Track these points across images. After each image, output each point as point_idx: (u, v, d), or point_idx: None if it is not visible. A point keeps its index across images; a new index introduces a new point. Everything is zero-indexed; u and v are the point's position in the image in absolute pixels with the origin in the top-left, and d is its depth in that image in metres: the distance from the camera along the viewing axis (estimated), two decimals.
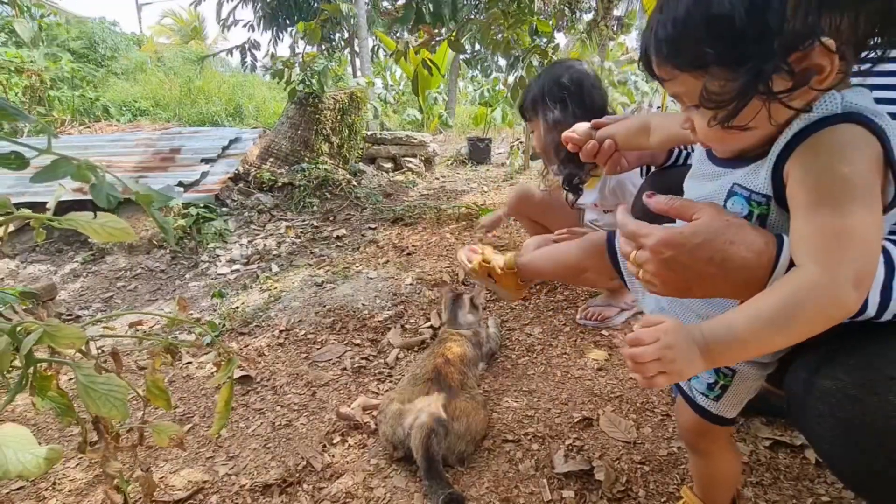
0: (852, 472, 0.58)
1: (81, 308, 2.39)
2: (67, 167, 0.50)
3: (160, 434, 0.79)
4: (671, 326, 0.54)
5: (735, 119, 0.54)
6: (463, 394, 1.26)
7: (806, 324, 0.51)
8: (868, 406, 0.54)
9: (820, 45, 0.48)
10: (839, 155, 0.51)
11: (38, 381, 0.53)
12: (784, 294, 0.51)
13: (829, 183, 0.51)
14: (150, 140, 4.14)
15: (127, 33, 11.16)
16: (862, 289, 0.49)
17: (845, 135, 0.51)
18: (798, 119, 0.53)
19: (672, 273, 0.60)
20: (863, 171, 0.50)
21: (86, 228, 0.55)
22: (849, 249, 0.49)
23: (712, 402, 0.75)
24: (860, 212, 0.50)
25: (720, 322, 0.54)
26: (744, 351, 0.54)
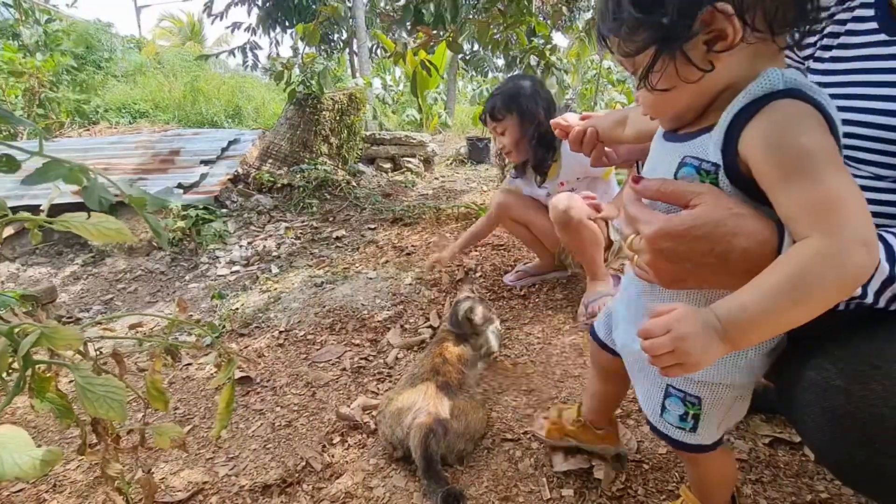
0: (840, 462, 0.58)
1: (82, 310, 2.40)
2: (59, 170, 0.50)
3: (161, 435, 0.79)
4: (683, 314, 0.52)
5: (652, 76, 0.58)
6: (462, 393, 1.26)
7: (822, 293, 0.48)
8: (853, 396, 0.54)
9: (713, 9, 0.52)
10: (794, 127, 0.52)
11: (37, 383, 0.53)
12: (794, 267, 0.49)
13: (794, 155, 0.51)
14: (150, 142, 4.15)
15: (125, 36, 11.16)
16: (871, 247, 0.48)
17: (794, 108, 0.52)
18: (743, 93, 0.55)
19: (668, 264, 0.59)
20: (817, 139, 0.51)
21: (80, 229, 0.55)
22: (843, 212, 0.49)
23: (689, 433, 0.72)
24: (834, 175, 0.50)
25: (733, 303, 0.52)
26: (762, 329, 0.51)
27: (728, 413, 0.71)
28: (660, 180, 0.61)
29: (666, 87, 0.59)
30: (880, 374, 0.53)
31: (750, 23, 0.53)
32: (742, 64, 0.55)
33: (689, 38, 0.54)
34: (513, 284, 2.13)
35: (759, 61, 0.56)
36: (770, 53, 0.56)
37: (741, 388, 0.68)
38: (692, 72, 0.56)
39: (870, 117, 0.68)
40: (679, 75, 0.57)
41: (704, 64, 0.55)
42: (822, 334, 0.64)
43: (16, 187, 3.37)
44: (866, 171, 0.70)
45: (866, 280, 0.50)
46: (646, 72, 0.59)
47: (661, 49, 0.56)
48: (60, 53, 6.75)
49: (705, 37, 0.54)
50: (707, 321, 0.51)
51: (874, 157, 0.69)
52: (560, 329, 1.78)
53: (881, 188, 0.69)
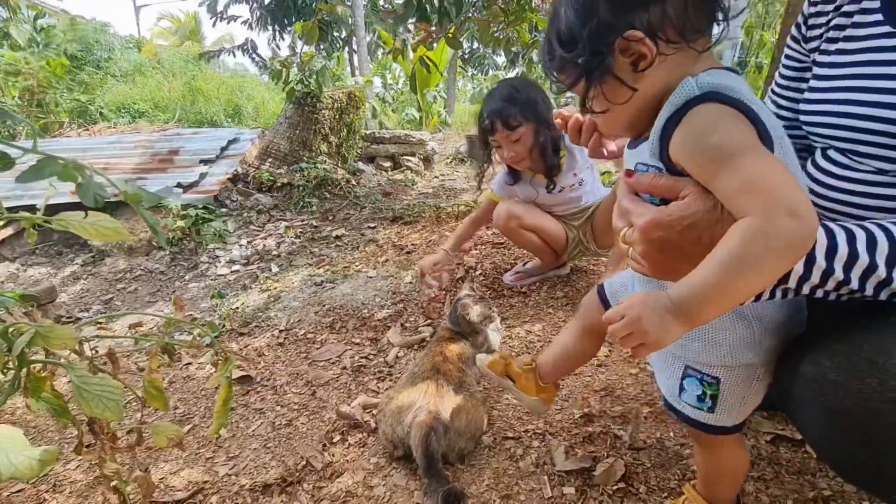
0: (838, 457, 0.58)
1: (81, 310, 2.39)
2: (53, 167, 0.50)
3: (159, 434, 0.79)
4: (635, 300, 0.58)
5: (588, 102, 0.65)
6: (462, 391, 1.26)
7: (761, 265, 0.51)
8: (849, 391, 0.54)
9: (623, 38, 0.58)
10: (704, 130, 0.56)
11: (32, 383, 0.53)
12: (732, 244, 0.53)
13: (709, 154, 0.56)
14: (149, 142, 4.14)
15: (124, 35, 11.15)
16: (799, 214, 0.50)
17: (703, 113, 0.57)
18: (666, 104, 0.60)
19: (661, 254, 0.61)
20: (730, 134, 0.55)
21: (77, 228, 0.54)
22: (764, 189, 0.52)
23: (706, 413, 0.74)
24: (748, 160, 0.53)
25: (683, 283, 0.56)
26: (712, 303, 0.54)
27: (746, 395, 0.72)
28: (652, 174, 0.64)
29: (602, 109, 0.65)
30: (877, 369, 0.53)
31: (663, 38, 0.58)
32: (672, 70, 0.60)
33: (608, 69, 0.60)
34: (513, 284, 2.12)
35: (686, 65, 0.61)
36: (691, 57, 0.61)
37: (757, 369, 0.70)
38: (621, 93, 0.62)
39: (874, 110, 0.68)
40: (608, 99, 0.63)
41: (635, 83, 0.61)
42: (819, 330, 0.64)
43: (15, 188, 3.36)
44: (869, 165, 0.69)
45: (807, 246, 0.52)
46: (582, 100, 0.66)
47: (588, 81, 0.63)
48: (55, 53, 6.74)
49: (629, 59, 0.60)
50: (658, 303, 0.56)
51: (877, 150, 0.68)
52: (561, 327, 1.77)
53: (884, 182, 0.68)
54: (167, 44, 14.14)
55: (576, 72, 0.64)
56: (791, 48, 0.88)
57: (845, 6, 0.75)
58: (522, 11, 2.87)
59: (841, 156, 0.73)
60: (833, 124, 0.73)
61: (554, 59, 0.66)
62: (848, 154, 0.72)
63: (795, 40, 0.87)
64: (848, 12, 0.75)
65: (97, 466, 0.72)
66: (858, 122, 0.70)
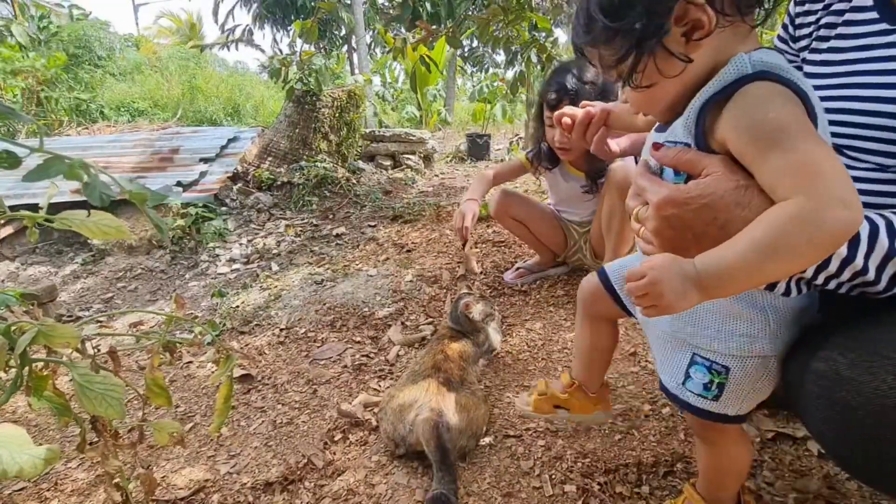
0: (848, 455, 0.58)
1: (82, 309, 2.39)
2: (59, 166, 0.50)
3: (160, 432, 0.79)
4: (659, 262, 0.56)
5: (635, 76, 0.61)
6: (463, 389, 1.26)
7: (797, 249, 0.50)
8: (862, 387, 0.53)
9: (685, 2, 0.55)
10: (762, 106, 0.54)
11: (34, 382, 0.53)
12: (771, 222, 0.51)
13: (764, 130, 0.53)
14: (149, 140, 4.14)
15: (122, 34, 11.13)
16: (850, 205, 0.49)
17: (761, 89, 0.55)
18: (715, 78, 0.58)
19: (672, 231, 0.60)
20: (788, 114, 0.53)
21: (80, 227, 0.54)
22: (819, 174, 0.50)
23: (711, 402, 0.72)
24: (808, 142, 0.51)
25: (712, 253, 0.55)
26: (735, 281, 0.54)
27: (755, 388, 0.71)
28: (678, 148, 0.62)
29: (650, 83, 0.62)
30: (891, 364, 0.52)
31: (720, 8, 0.56)
32: (720, 48, 0.58)
33: (665, 36, 0.57)
34: (513, 282, 2.12)
35: (734, 43, 0.58)
36: (743, 34, 0.59)
37: (770, 361, 0.69)
38: (674, 65, 0.59)
39: (872, 106, 0.68)
40: (661, 71, 0.60)
41: (685, 56, 0.58)
42: (830, 325, 0.63)
43: (16, 186, 3.36)
44: (869, 162, 0.69)
45: (847, 237, 0.51)
46: (629, 74, 0.62)
47: (640, 51, 0.59)
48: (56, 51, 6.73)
49: (682, 29, 0.57)
50: (683, 269, 0.55)
51: (877, 145, 0.68)
52: (561, 325, 1.77)
53: (884, 179, 0.68)
54: (167, 42, 14.12)
55: (628, 41, 0.59)
56: (778, 49, 0.88)
57: (835, 4, 0.76)
58: (522, 10, 2.86)
59: (839, 154, 0.73)
60: (832, 122, 0.73)
61: (594, 31, 0.62)
62: (846, 151, 0.72)
63: (783, 40, 0.87)
64: (838, 10, 0.75)
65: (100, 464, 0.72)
66: (857, 119, 0.70)
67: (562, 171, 1.93)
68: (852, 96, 0.71)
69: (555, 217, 2.08)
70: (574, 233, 2.03)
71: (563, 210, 2.06)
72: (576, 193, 1.91)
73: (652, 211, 0.61)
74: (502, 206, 2.05)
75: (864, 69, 0.70)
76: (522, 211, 2.04)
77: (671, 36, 0.57)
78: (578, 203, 1.96)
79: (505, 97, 7.64)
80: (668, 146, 0.63)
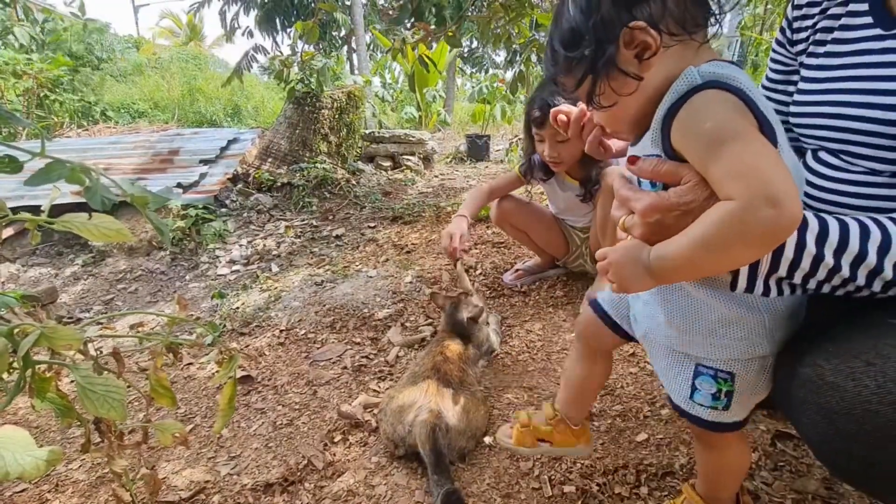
0: (835, 459, 0.58)
1: (82, 311, 2.40)
2: (61, 170, 0.50)
3: (164, 432, 0.79)
4: (622, 247, 0.65)
5: (595, 98, 0.66)
6: (463, 390, 1.26)
7: (727, 247, 0.53)
8: (846, 392, 0.54)
9: (629, 29, 0.59)
10: (700, 116, 0.58)
11: (37, 384, 0.53)
12: (709, 223, 0.55)
13: (703, 140, 0.57)
14: (149, 142, 4.14)
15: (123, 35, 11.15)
16: (779, 203, 0.50)
17: (700, 99, 0.58)
18: (669, 92, 0.61)
19: (657, 238, 0.62)
20: (724, 119, 0.56)
21: (81, 230, 0.55)
22: (748, 175, 0.52)
23: (722, 412, 0.73)
24: (739, 147, 0.54)
25: (661, 247, 0.60)
26: (678, 270, 0.60)
27: (756, 387, 0.72)
28: (655, 160, 0.64)
29: (610, 103, 0.67)
30: (874, 371, 0.53)
31: (665, 29, 0.60)
32: (670, 65, 0.62)
33: (614, 60, 0.62)
34: (512, 284, 2.13)
35: (687, 58, 0.62)
36: (693, 50, 0.63)
37: (767, 360, 0.70)
38: (628, 84, 0.63)
39: (866, 111, 0.68)
40: (616, 91, 0.64)
41: (636, 75, 0.62)
42: (816, 330, 0.64)
43: (16, 188, 3.37)
44: (862, 166, 0.70)
45: (781, 237, 0.53)
46: (589, 96, 0.67)
47: (594, 75, 0.64)
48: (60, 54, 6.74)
49: (633, 51, 0.61)
50: (640, 256, 0.62)
51: (870, 151, 0.69)
52: (561, 326, 1.78)
53: (877, 183, 0.69)
54: (168, 44, 14.13)
55: (582, 68, 0.65)
56: (777, 52, 0.89)
57: (831, 9, 0.76)
58: (523, 8, 2.86)
59: (833, 157, 0.74)
60: (826, 125, 0.74)
61: (558, 62, 0.68)
62: (840, 155, 0.73)
63: (781, 44, 0.87)
64: (834, 15, 0.75)
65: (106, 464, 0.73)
66: (851, 123, 0.70)
67: (558, 181, 1.94)
68: (847, 101, 0.71)
69: (556, 222, 2.08)
70: (576, 238, 2.03)
71: (564, 217, 2.06)
72: (574, 201, 1.91)
73: (638, 218, 0.64)
74: (503, 214, 2.05)
75: (859, 74, 0.71)
76: (523, 218, 2.05)
77: (624, 58, 0.62)
78: (577, 210, 1.96)
79: (504, 98, 7.65)
80: (645, 159, 0.65)
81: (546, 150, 1.72)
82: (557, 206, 2.05)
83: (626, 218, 0.67)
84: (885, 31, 0.69)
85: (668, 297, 0.74)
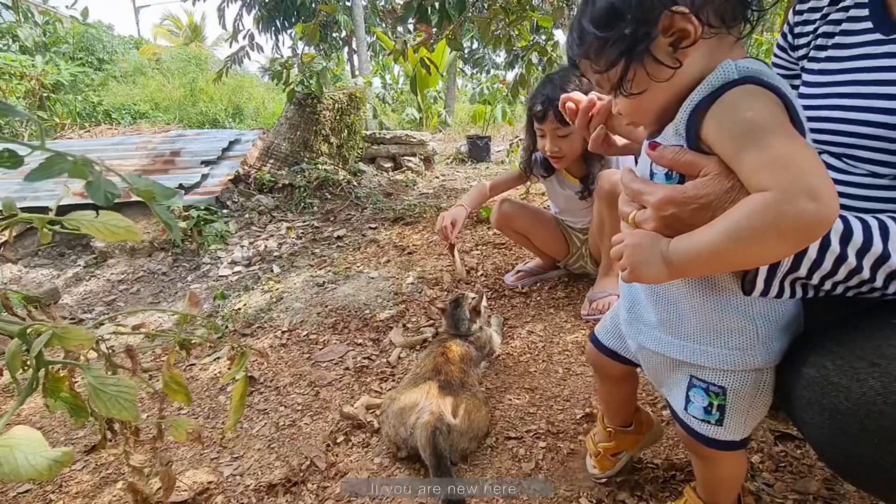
0: (839, 459, 0.59)
1: (84, 312, 2.40)
2: (63, 164, 0.49)
3: (177, 429, 0.79)
4: (640, 234, 0.63)
5: (625, 84, 0.63)
6: (464, 391, 1.27)
7: (760, 238, 0.51)
8: (851, 393, 0.54)
9: (671, 13, 0.57)
10: (739, 106, 0.56)
11: (51, 383, 0.53)
12: (741, 209, 0.53)
13: (740, 130, 0.55)
14: (151, 143, 4.15)
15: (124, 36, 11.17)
16: (819, 198, 0.49)
17: (740, 91, 0.57)
18: (703, 84, 0.59)
19: (671, 231, 0.61)
20: (764, 112, 0.54)
21: (88, 228, 0.54)
22: (790, 168, 0.51)
23: (715, 427, 0.72)
24: (780, 140, 0.52)
25: (684, 237, 0.58)
26: (700, 260, 0.57)
27: (753, 405, 0.70)
28: (675, 149, 0.62)
29: (640, 90, 0.64)
30: (878, 371, 0.53)
31: (705, 20, 0.58)
32: (705, 57, 0.60)
33: (652, 44, 0.59)
34: (513, 285, 2.13)
35: (719, 53, 0.60)
36: (728, 45, 0.61)
37: (764, 373, 0.69)
38: (662, 71, 0.60)
39: (867, 116, 0.69)
40: (650, 77, 0.61)
41: (673, 62, 0.60)
42: (821, 330, 0.64)
43: (20, 189, 3.37)
44: (863, 170, 0.70)
45: (818, 233, 0.51)
46: (619, 81, 0.64)
47: (629, 58, 0.61)
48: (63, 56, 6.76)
49: (669, 38, 0.59)
50: (657, 245, 0.61)
51: (871, 154, 0.69)
52: (562, 327, 1.78)
53: (879, 185, 0.69)
54: (170, 44, 14.15)
55: (617, 50, 0.61)
56: (778, 56, 0.89)
57: (832, 14, 0.76)
58: (523, 10, 2.87)
59: (836, 160, 0.74)
60: (828, 130, 0.74)
61: (585, 43, 0.65)
62: (843, 159, 0.73)
63: (782, 49, 0.88)
64: (835, 20, 0.76)
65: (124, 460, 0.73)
66: (853, 128, 0.70)
67: (558, 179, 1.95)
68: (848, 106, 0.71)
69: (556, 224, 2.09)
70: (576, 240, 2.03)
71: (564, 217, 2.07)
72: (574, 200, 1.92)
73: (652, 211, 0.62)
74: (503, 218, 2.06)
75: (859, 79, 0.71)
76: (523, 222, 2.06)
77: (659, 45, 0.59)
78: (577, 210, 1.97)
79: (505, 99, 7.66)
80: (666, 146, 0.63)
81: (547, 145, 1.74)
82: (558, 205, 2.06)
83: (636, 213, 0.65)
84: (885, 37, 0.69)
85: (660, 299, 0.73)
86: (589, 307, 1.81)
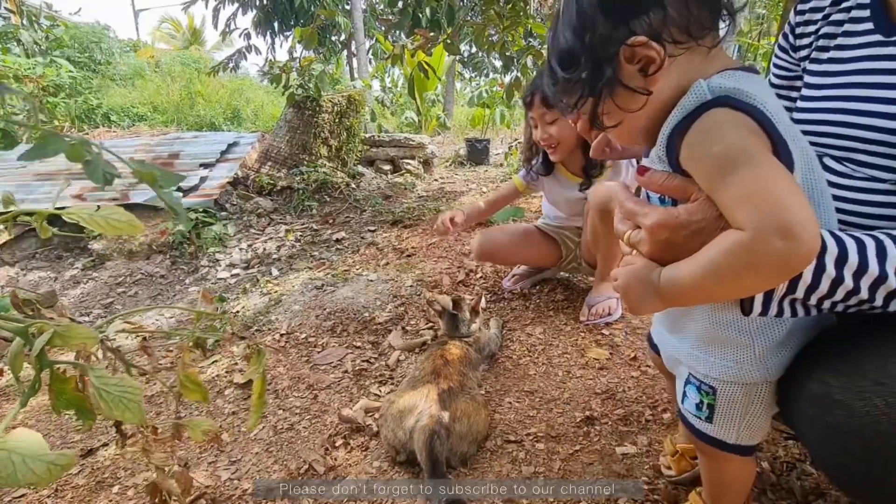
0: (842, 476, 0.58)
1: (82, 314, 2.39)
2: (59, 144, 0.47)
3: (194, 429, 0.78)
4: (632, 268, 0.63)
5: (597, 119, 0.63)
6: (463, 395, 1.26)
7: (736, 277, 0.52)
8: (855, 411, 0.53)
9: (628, 46, 0.56)
10: (708, 139, 0.55)
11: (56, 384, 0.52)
12: (717, 248, 0.53)
13: (710, 165, 0.54)
14: (149, 146, 4.14)
15: (123, 39, 11.18)
16: (794, 239, 0.47)
17: (708, 119, 0.55)
18: (677, 108, 0.58)
19: (665, 255, 0.60)
20: (733, 142, 0.53)
21: (89, 222, 0.52)
22: (760, 206, 0.49)
23: (704, 423, 0.73)
24: (751, 173, 0.51)
25: (671, 269, 0.59)
26: (687, 295, 0.58)
27: (746, 416, 0.70)
28: (664, 173, 0.61)
29: (614, 123, 0.63)
30: (884, 391, 0.52)
31: (669, 39, 0.56)
32: (681, 73, 0.58)
33: (616, 80, 0.58)
34: (511, 288, 2.13)
35: (696, 65, 0.59)
36: (701, 56, 0.59)
37: (756, 387, 0.68)
38: (635, 100, 0.60)
39: (868, 119, 0.69)
40: (623, 108, 0.61)
41: (644, 89, 0.59)
42: (826, 345, 0.63)
43: (17, 190, 3.36)
44: (864, 174, 0.70)
45: (797, 269, 0.51)
46: (591, 118, 0.64)
47: (594, 95, 0.61)
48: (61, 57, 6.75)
49: (637, 66, 0.58)
50: (649, 278, 0.61)
51: (872, 159, 0.69)
52: (562, 330, 1.78)
53: (880, 190, 0.69)
54: (169, 47, 14.15)
55: (580, 89, 0.62)
56: (779, 57, 0.89)
57: (833, 15, 0.76)
58: (518, 17, 2.88)
59: (837, 164, 0.74)
60: (830, 133, 0.74)
61: (557, 83, 0.65)
62: (845, 162, 0.72)
63: (784, 50, 0.87)
64: (837, 21, 0.75)
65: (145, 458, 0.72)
66: (854, 131, 0.70)
67: (559, 179, 1.94)
68: (849, 109, 0.71)
69: (541, 235, 2.06)
70: (570, 243, 2.01)
71: (560, 218, 2.04)
72: (576, 200, 1.91)
73: (646, 235, 0.61)
74: (484, 255, 2.07)
75: (861, 81, 0.71)
76: (504, 252, 2.06)
77: (628, 73, 0.58)
78: (576, 208, 1.96)
79: (503, 102, 7.67)
80: (654, 171, 0.63)
81: (539, 133, 1.75)
82: (560, 208, 2.04)
83: (631, 233, 0.64)
84: (886, 38, 0.69)
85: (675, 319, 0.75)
86: (588, 312, 1.81)
